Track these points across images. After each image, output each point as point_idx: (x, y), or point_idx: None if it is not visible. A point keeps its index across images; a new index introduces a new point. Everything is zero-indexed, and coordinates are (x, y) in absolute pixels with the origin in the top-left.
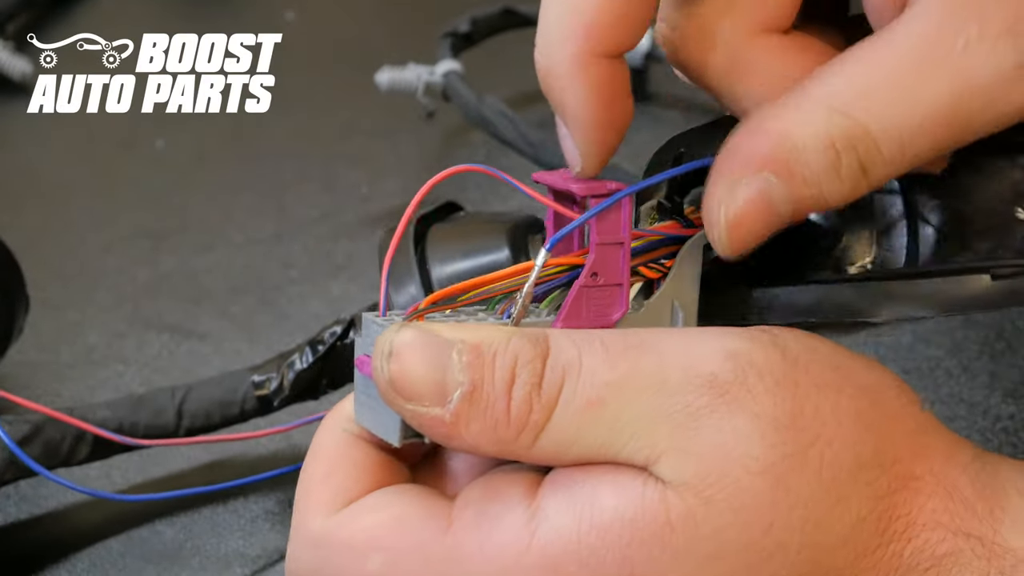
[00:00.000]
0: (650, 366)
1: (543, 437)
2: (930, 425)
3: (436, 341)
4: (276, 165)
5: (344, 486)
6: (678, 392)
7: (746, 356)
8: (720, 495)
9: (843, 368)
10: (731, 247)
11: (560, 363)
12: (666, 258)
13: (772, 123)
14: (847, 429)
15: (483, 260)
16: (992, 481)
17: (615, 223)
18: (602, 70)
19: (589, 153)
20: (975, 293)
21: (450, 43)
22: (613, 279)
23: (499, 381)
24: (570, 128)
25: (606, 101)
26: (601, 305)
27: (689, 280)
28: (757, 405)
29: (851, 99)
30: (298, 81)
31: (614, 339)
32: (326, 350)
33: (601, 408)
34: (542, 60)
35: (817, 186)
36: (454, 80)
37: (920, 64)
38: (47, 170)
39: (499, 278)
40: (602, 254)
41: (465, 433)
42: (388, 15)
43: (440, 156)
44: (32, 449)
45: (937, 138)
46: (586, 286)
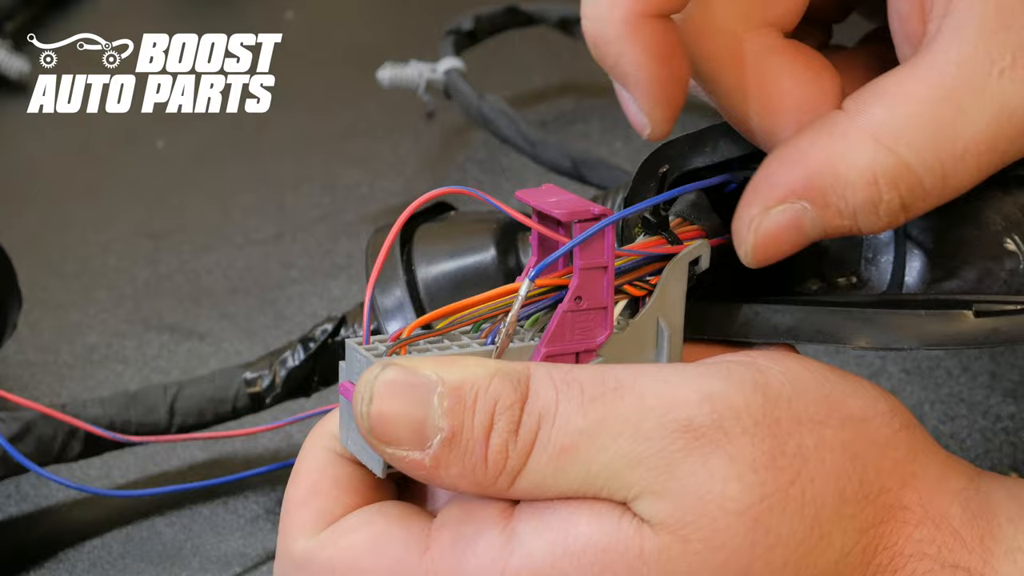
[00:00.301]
0: (626, 411)
1: (520, 480)
2: (923, 449)
3: (417, 384)
4: (276, 165)
5: (325, 506)
6: (653, 437)
7: (723, 399)
8: (696, 535)
9: (831, 398)
10: (754, 262)
11: (537, 408)
12: (651, 275)
13: (812, 151)
14: (830, 463)
15: (469, 261)
16: (984, 509)
17: (599, 248)
18: (654, 29)
19: (655, 113)
20: (958, 329)
21: (453, 40)
22: (597, 303)
23: (478, 427)
24: (632, 91)
25: (663, 58)
26: (585, 328)
27: (675, 298)
28: (734, 447)
29: (894, 131)
30: (298, 81)
31: (593, 381)
32: (317, 348)
33: (575, 454)
34: (592, 26)
35: (852, 218)
36: (455, 78)
37: (959, 93)
38: (47, 170)
39: (484, 300)
40: (586, 278)
41: (444, 475)
42: (388, 15)
43: (440, 156)
44: (24, 446)
45: (978, 167)
46: (570, 311)
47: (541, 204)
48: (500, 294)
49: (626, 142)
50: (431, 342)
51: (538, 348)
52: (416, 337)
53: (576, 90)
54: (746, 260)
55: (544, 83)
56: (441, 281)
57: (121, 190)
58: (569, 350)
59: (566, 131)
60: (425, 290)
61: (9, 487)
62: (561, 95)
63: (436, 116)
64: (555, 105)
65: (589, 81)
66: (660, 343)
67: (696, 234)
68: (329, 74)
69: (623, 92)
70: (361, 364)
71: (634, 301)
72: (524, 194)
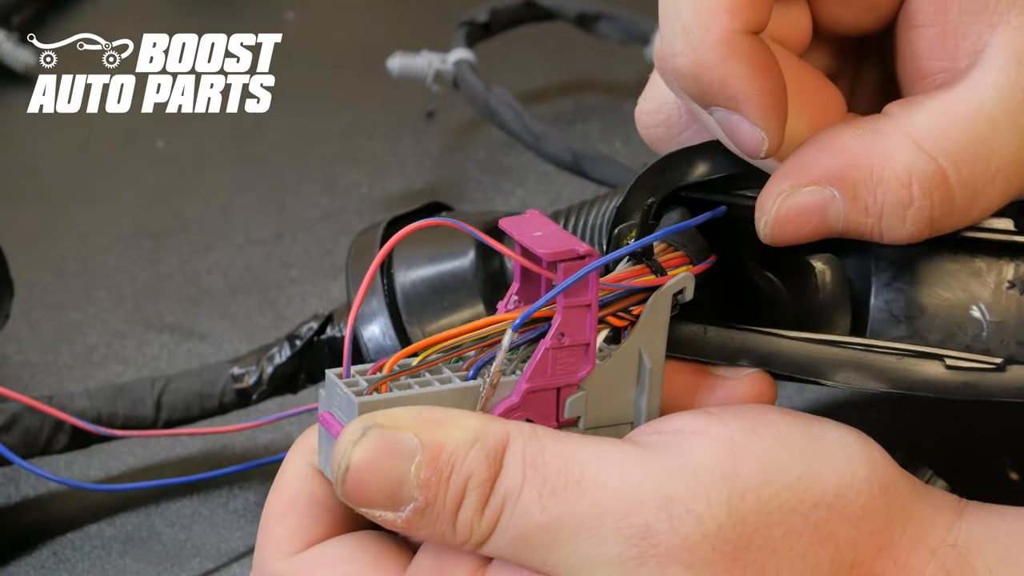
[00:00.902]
0: (584, 512)
1: (484, 549)
2: (900, 508)
3: (395, 453)
4: (276, 165)
5: (303, 524)
6: (609, 542)
7: (684, 504)
8: None
9: (805, 478)
10: (771, 237)
11: (503, 488)
12: (635, 305)
13: (852, 142)
14: (798, 551)
15: (447, 266)
16: (961, 564)
17: (582, 287)
18: (753, 44)
19: (771, 125)
20: (928, 378)
21: (465, 32)
22: (580, 339)
23: (450, 501)
24: (744, 110)
25: (768, 69)
26: (567, 363)
27: (657, 329)
28: (692, 555)
29: (937, 140)
30: (298, 81)
31: (557, 471)
32: (303, 345)
33: (532, 544)
34: (688, 58)
35: (877, 218)
36: (465, 69)
37: (996, 113)
38: (47, 170)
39: (466, 331)
40: (569, 316)
41: (415, 534)
42: (388, 15)
43: (440, 156)
44: (10, 438)
45: (1004, 192)
46: (552, 347)
47: (525, 239)
48: (484, 325)
49: (626, 142)
50: (412, 377)
51: (519, 383)
52: (397, 374)
53: (576, 90)
54: (764, 232)
55: (544, 83)
56: (419, 287)
57: (121, 190)
58: (551, 384)
59: (566, 131)
60: (403, 295)
61: (10, 487)
62: (561, 95)
63: (436, 116)
64: (555, 105)
65: (589, 81)
66: (642, 375)
67: (681, 261)
68: (329, 74)
69: (729, 117)
70: (340, 399)
71: (616, 329)
72: (508, 224)
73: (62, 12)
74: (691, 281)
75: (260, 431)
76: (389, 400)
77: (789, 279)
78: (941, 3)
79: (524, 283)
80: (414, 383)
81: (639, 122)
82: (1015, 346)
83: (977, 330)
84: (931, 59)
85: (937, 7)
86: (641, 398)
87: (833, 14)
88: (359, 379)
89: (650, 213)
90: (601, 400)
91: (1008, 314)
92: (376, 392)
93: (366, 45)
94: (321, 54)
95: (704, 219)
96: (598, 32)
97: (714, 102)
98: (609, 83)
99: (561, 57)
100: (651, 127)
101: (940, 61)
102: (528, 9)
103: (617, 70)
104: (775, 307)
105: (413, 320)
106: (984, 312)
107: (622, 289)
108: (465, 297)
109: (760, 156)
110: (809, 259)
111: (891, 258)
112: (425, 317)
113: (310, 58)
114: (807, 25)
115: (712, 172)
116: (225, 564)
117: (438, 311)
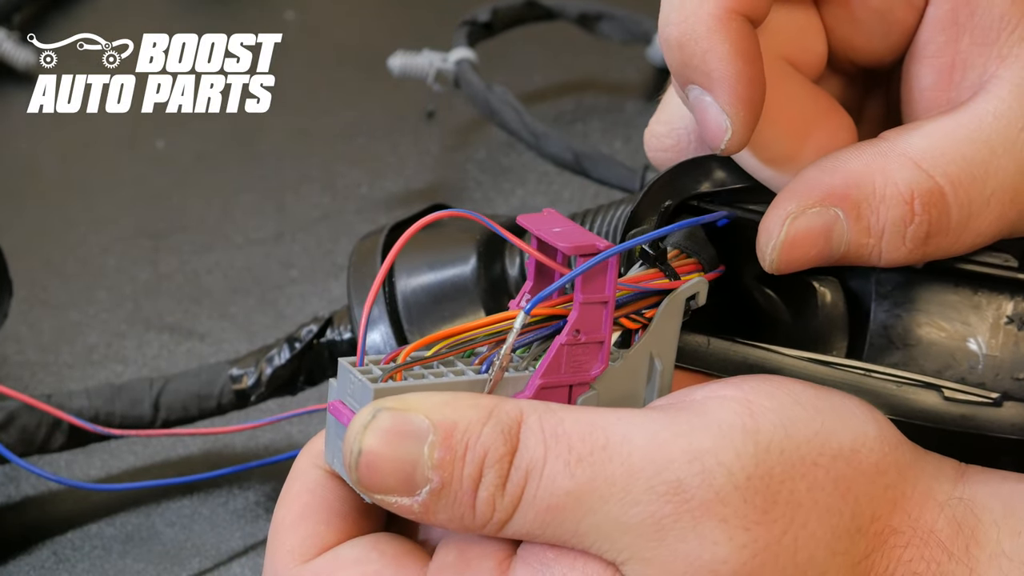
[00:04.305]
0: (613, 473)
1: (508, 528)
2: (910, 465)
3: (407, 434)
4: (276, 165)
5: (316, 531)
6: (642, 502)
7: (713, 456)
8: None
9: (821, 433)
10: (778, 265)
11: (525, 462)
12: (648, 308)
13: (853, 163)
14: (823, 504)
15: (448, 273)
16: (969, 516)
17: (601, 283)
18: (742, 27)
19: (738, 115)
20: (926, 407)
21: (467, 31)
22: (595, 337)
23: (467, 479)
24: (715, 91)
25: (750, 57)
26: (581, 361)
27: (669, 333)
28: (725, 507)
29: (934, 160)
30: (298, 81)
31: (581, 437)
32: (302, 348)
33: (562, 513)
34: (678, 28)
35: (879, 238)
36: (466, 68)
37: (994, 140)
38: (47, 170)
39: (480, 326)
40: (586, 312)
41: (433, 519)
42: (389, 14)
43: (440, 156)
44: (7, 436)
45: (998, 218)
46: (567, 344)
47: (544, 233)
48: (497, 320)
49: (626, 142)
50: (426, 367)
51: (532, 379)
52: (411, 363)
53: (576, 90)
54: (770, 258)
55: (544, 83)
56: (420, 294)
57: (121, 190)
58: (563, 382)
59: (566, 131)
60: (403, 302)
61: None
62: (561, 95)
63: (436, 116)
64: (555, 105)
65: (589, 81)
66: (652, 378)
67: (693, 267)
68: (329, 74)
69: (702, 98)
70: (354, 387)
71: (627, 332)
72: (526, 220)
73: (62, 12)
74: (704, 286)
75: (260, 431)
76: (404, 388)
77: (789, 297)
78: (953, 33)
79: (538, 281)
80: (428, 373)
81: (648, 145)
82: (1010, 381)
83: (973, 363)
84: (936, 90)
85: (949, 37)
86: (651, 400)
87: (848, 39)
88: (373, 367)
89: (667, 214)
90: (612, 401)
91: (1004, 349)
92: (391, 380)
93: (366, 45)
94: (321, 54)
95: (711, 219)
96: (599, 32)
97: (692, 78)
98: (610, 83)
99: (562, 57)
100: (659, 151)
101: (945, 92)
102: (530, 8)
103: (618, 70)
104: (773, 324)
105: (414, 328)
106: (981, 345)
107: (637, 290)
108: (466, 306)
109: (720, 148)
110: (810, 279)
111: (893, 284)
112: (426, 325)
113: (310, 58)
114: (823, 50)
115: (724, 183)
116: (225, 564)
117: (438, 320)
